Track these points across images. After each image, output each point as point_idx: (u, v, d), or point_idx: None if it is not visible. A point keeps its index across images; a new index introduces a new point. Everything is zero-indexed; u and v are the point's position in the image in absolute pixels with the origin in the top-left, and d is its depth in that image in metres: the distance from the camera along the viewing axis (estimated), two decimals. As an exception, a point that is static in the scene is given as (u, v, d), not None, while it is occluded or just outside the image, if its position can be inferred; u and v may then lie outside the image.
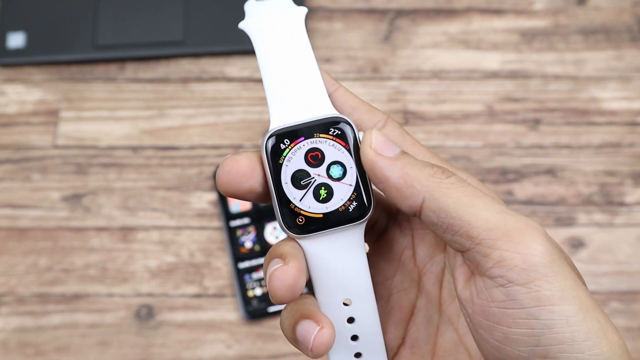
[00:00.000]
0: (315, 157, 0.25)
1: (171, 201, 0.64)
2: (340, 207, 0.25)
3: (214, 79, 0.69)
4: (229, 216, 0.63)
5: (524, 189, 0.65)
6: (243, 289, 0.61)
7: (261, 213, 0.63)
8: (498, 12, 0.72)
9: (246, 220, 0.63)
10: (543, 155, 0.66)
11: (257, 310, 0.60)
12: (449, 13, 0.72)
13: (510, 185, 0.65)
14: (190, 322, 0.60)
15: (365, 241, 0.28)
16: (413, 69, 0.69)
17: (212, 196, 0.64)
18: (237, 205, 0.63)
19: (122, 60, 0.70)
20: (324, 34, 0.70)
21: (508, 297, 0.22)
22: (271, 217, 0.63)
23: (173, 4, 0.71)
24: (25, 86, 0.69)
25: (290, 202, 0.25)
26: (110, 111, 0.68)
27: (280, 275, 0.24)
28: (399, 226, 0.28)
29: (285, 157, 0.25)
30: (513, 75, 0.69)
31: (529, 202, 0.64)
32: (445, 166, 0.26)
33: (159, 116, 0.68)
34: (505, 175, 0.65)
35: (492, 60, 0.69)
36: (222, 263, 0.62)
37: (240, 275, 0.61)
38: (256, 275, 0.61)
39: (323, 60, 0.69)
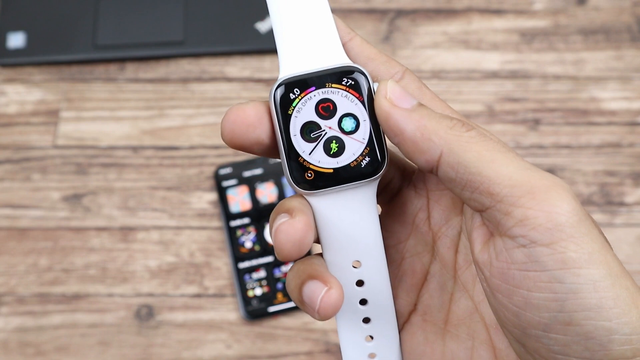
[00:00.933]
0: (326, 109, 0.24)
1: (171, 201, 0.64)
2: (352, 162, 0.24)
3: (214, 79, 0.69)
4: (229, 216, 0.63)
5: (524, 189, 0.65)
6: (243, 289, 0.61)
7: (261, 213, 0.63)
8: (498, 12, 0.72)
9: (246, 220, 0.63)
10: (543, 155, 0.66)
11: (257, 310, 0.60)
12: (449, 13, 0.72)
13: (510, 185, 0.65)
14: (190, 322, 0.60)
15: (378, 201, 0.27)
16: (413, 69, 0.69)
17: (212, 196, 0.64)
18: (237, 205, 0.63)
19: (122, 60, 0.70)
20: None
21: (530, 258, 0.21)
22: (271, 217, 0.63)
23: (173, 4, 0.71)
24: (25, 86, 0.69)
25: (299, 155, 0.24)
26: (111, 111, 0.68)
27: (287, 229, 0.23)
28: (414, 186, 0.27)
29: (294, 107, 0.24)
30: (513, 75, 0.69)
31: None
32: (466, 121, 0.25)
33: (159, 116, 0.68)
34: (505, 175, 0.65)
35: (492, 60, 0.70)
36: (222, 263, 0.62)
37: (240, 275, 0.61)
38: (256, 275, 0.61)
39: (323, 60, 0.69)
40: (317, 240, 0.25)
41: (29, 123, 0.67)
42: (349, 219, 0.24)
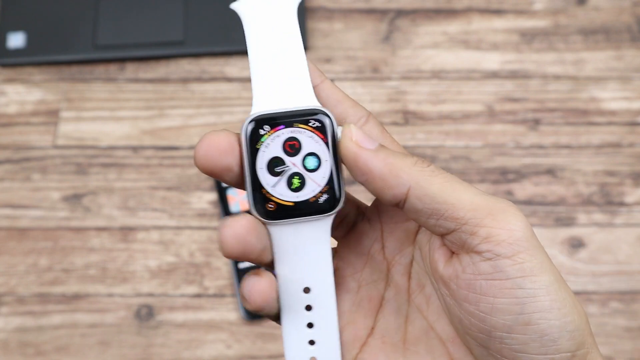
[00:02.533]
0: (292, 147, 0.25)
1: (171, 201, 0.64)
2: (311, 197, 0.26)
3: (214, 79, 0.69)
4: (229, 216, 0.63)
5: (523, 189, 0.65)
6: (243, 289, 0.61)
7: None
8: (498, 12, 0.72)
9: (246, 220, 0.63)
10: (543, 155, 0.66)
11: (257, 310, 0.60)
12: (449, 13, 0.72)
13: (510, 185, 0.65)
14: (190, 322, 0.60)
15: (335, 235, 0.29)
16: (413, 69, 0.69)
17: (212, 196, 0.64)
18: (237, 205, 0.63)
19: (122, 60, 0.70)
20: (324, 34, 0.70)
21: (495, 269, 0.24)
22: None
23: (173, 4, 0.71)
24: (25, 86, 0.69)
25: (262, 187, 0.25)
26: (111, 111, 0.68)
27: (232, 224, 0.25)
28: (368, 220, 0.29)
29: (263, 142, 0.25)
30: (513, 75, 0.69)
31: (528, 202, 0.64)
32: None
33: (159, 116, 0.68)
34: (505, 175, 0.65)
35: (492, 60, 0.70)
36: (222, 263, 0.62)
37: (240, 275, 0.61)
38: (256, 275, 0.61)
39: (323, 60, 0.69)
40: (270, 265, 0.27)
41: (29, 123, 0.67)
42: (304, 249, 0.26)
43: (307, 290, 0.27)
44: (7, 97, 0.68)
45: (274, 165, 0.25)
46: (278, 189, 0.25)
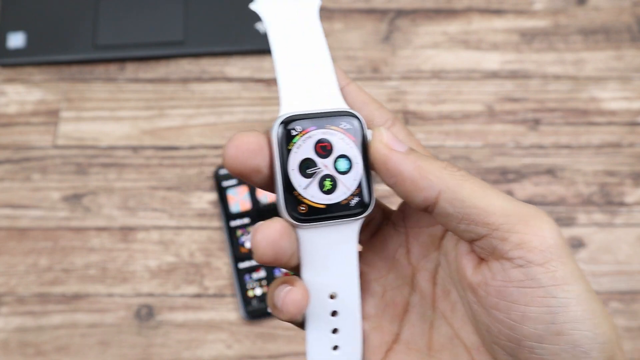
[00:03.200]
0: (324, 148, 0.25)
1: (171, 201, 0.64)
2: (343, 200, 0.25)
3: (214, 79, 0.69)
4: (229, 216, 0.63)
5: (524, 189, 0.65)
6: (243, 289, 0.61)
7: (261, 213, 0.63)
8: (498, 12, 0.72)
9: (246, 220, 0.63)
10: (543, 155, 0.66)
11: (257, 310, 0.60)
12: (449, 13, 0.72)
13: (510, 185, 0.65)
14: (190, 322, 0.60)
15: (360, 239, 0.29)
16: (413, 69, 0.69)
17: (212, 196, 0.64)
18: (237, 205, 0.63)
19: (122, 60, 0.70)
20: (324, 34, 0.70)
21: (527, 276, 0.23)
22: (271, 218, 0.63)
23: (173, 4, 0.71)
24: (25, 86, 0.69)
25: (294, 189, 0.25)
26: (111, 111, 0.68)
27: (265, 229, 0.25)
28: (393, 225, 0.29)
29: (295, 143, 0.25)
30: (513, 75, 0.69)
31: (529, 202, 0.64)
32: None
33: (159, 116, 0.68)
34: (505, 175, 0.65)
35: (492, 60, 0.70)
36: (222, 263, 0.62)
37: (240, 275, 0.61)
38: (256, 275, 0.61)
39: (323, 60, 0.69)
40: (295, 269, 0.27)
41: (29, 123, 0.67)
42: (331, 253, 0.26)
43: (333, 296, 0.27)
44: (7, 97, 0.68)
45: (306, 167, 0.25)
46: (310, 191, 0.25)
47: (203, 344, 0.60)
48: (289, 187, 0.25)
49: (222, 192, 0.64)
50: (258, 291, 0.61)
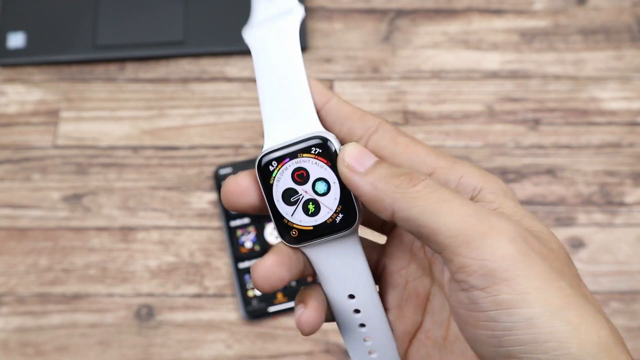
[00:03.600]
0: (301, 176, 0.27)
1: (171, 201, 0.64)
2: (328, 219, 0.27)
3: (214, 79, 0.69)
4: (229, 216, 0.63)
5: (524, 189, 0.65)
6: (243, 289, 0.61)
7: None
8: (498, 12, 0.72)
9: (246, 220, 0.63)
10: (543, 155, 0.66)
11: (257, 310, 0.60)
12: (449, 13, 0.72)
13: (510, 185, 0.65)
14: (190, 322, 0.60)
15: (383, 232, 0.30)
16: (413, 69, 0.69)
17: (212, 196, 0.64)
18: (237, 205, 0.63)
19: (122, 60, 0.70)
20: (324, 34, 0.70)
21: (471, 300, 0.23)
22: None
23: (173, 4, 0.71)
24: (25, 86, 0.69)
25: (283, 217, 0.27)
26: (111, 111, 0.68)
27: (257, 267, 0.27)
28: None
29: (274, 177, 0.27)
30: (513, 75, 0.69)
31: (529, 202, 0.64)
32: (441, 163, 0.27)
33: (159, 116, 0.68)
34: (505, 175, 0.65)
35: (492, 60, 0.69)
36: (222, 263, 0.62)
37: (240, 275, 0.61)
38: (256, 275, 0.61)
39: (323, 60, 0.69)
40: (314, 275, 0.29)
41: (29, 123, 0.67)
42: (338, 263, 0.28)
43: (351, 296, 0.29)
44: (7, 97, 0.68)
45: (289, 195, 0.27)
46: (297, 216, 0.27)
47: (203, 344, 0.60)
48: (278, 216, 0.27)
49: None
50: (258, 291, 0.61)
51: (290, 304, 0.60)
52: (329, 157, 0.26)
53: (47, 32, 0.70)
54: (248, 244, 0.62)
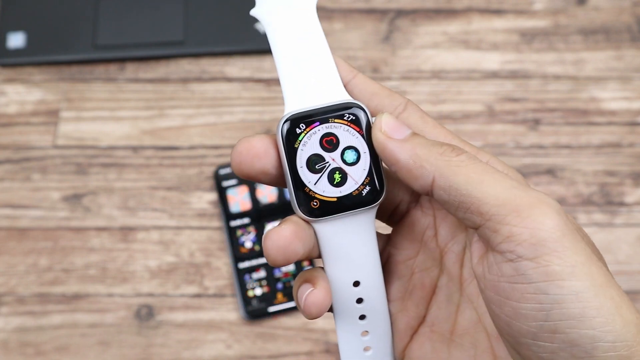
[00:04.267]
0: (330, 142, 0.25)
1: (171, 201, 0.64)
2: (354, 191, 0.25)
3: (214, 79, 0.69)
4: (229, 216, 0.63)
5: (524, 189, 0.65)
6: (243, 289, 0.61)
7: (261, 213, 0.63)
8: (498, 12, 0.72)
9: (246, 220, 0.63)
10: (543, 155, 0.66)
11: (257, 310, 0.60)
12: (449, 13, 0.72)
13: (510, 185, 0.65)
14: (190, 322, 0.60)
15: (389, 222, 0.29)
16: (413, 69, 0.69)
17: (212, 196, 0.64)
18: (237, 205, 0.63)
19: (122, 60, 0.70)
20: (324, 33, 0.70)
21: (517, 272, 0.22)
22: (271, 218, 0.63)
23: (173, 4, 0.71)
24: (25, 86, 0.69)
25: (305, 185, 0.25)
26: (111, 111, 0.68)
27: (273, 235, 0.25)
28: (421, 207, 0.29)
29: (300, 141, 0.25)
30: (513, 75, 0.69)
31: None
32: (466, 147, 0.26)
33: (159, 116, 0.68)
34: (505, 175, 0.65)
35: (492, 60, 0.70)
36: (222, 263, 0.62)
37: (240, 275, 0.61)
38: (256, 275, 0.61)
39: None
40: (319, 258, 0.27)
41: (29, 123, 0.67)
42: (350, 243, 0.26)
43: (356, 283, 0.27)
44: (7, 97, 0.68)
45: (314, 162, 0.25)
46: (320, 186, 0.25)
47: (203, 344, 0.60)
48: (299, 184, 0.25)
49: (222, 192, 0.64)
50: (258, 291, 0.61)
51: (290, 304, 0.60)
52: (361, 125, 0.25)
53: (47, 32, 0.70)
54: (248, 244, 0.62)
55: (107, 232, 0.63)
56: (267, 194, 0.63)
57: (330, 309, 0.28)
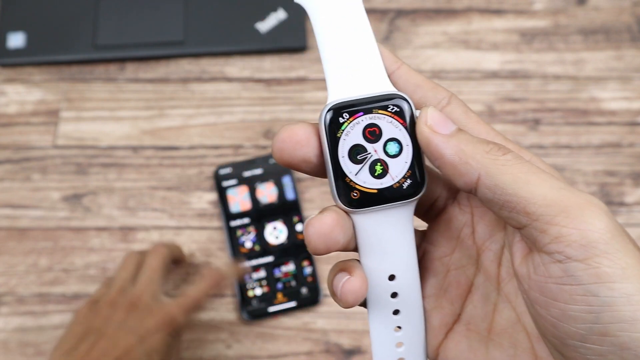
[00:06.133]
0: (372, 133, 0.25)
1: (171, 201, 0.64)
2: (395, 183, 0.25)
3: (214, 79, 0.69)
4: (229, 216, 0.63)
5: (524, 189, 0.65)
6: (243, 289, 0.61)
7: (261, 213, 0.63)
8: (498, 12, 0.72)
9: (246, 220, 0.63)
10: (543, 155, 0.66)
11: (257, 310, 0.60)
12: (449, 13, 0.72)
13: (510, 185, 0.65)
14: (190, 322, 0.60)
15: (425, 218, 0.29)
16: (413, 69, 0.69)
17: (212, 196, 0.64)
18: (237, 205, 0.63)
19: (122, 60, 0.70)
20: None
21: (566, 273, 0.22)
22: (271, 217, 0.63)
23: (173, 4, 0.71)
24: (25, 86, 0.69)
25: (346, 175, 0.25)
26: (110, 111, 0.68)
27: (315, 222, 0.25)
28: (458, 204, 0.28)
29: (343, 130, 0.25)
30: (513, 75, 0.69)
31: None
32: (509, 145, 0.26)
33: (159, 116, 0.68)
34: (505, 175, 0.65)
35: (492, 60, 0.70)
36: (222, 263, 0.62)
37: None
38: (256, 275, 0.61)
39: (323, 60, 0.69)
40: (355, 251, 0.27)
41: (29, 123, 0.67)
42: (387, 236, 0.26)
43: (392, 277, 0.27)
44: (7, 97, 0.68)
45: (356, 152, 0.25)
46: (361, 177, 0.25)
47: (203, 344, 0.60)
48: (340, 174, 0.25)
49: (222, 192, 0.64)
50: (258, 291, 0.61)
51: (291, 304, 0.60)
52: (405, 118, 0.25)
53: (47, 32, 0.70)
54: (248, 244, 0.62)
55: (107, 232, 0.63)
56: (267, 194, 0.64)
57: (363, 304, 0.27)
